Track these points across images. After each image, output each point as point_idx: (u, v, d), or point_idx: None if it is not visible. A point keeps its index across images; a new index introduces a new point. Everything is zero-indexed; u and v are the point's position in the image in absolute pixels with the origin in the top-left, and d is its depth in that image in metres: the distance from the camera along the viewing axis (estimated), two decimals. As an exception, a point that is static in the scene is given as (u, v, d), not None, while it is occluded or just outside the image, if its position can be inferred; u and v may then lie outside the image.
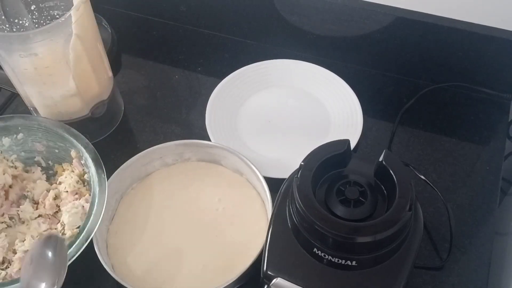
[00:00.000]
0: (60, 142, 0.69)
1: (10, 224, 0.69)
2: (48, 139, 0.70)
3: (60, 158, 0.72)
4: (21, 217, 0.69)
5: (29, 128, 0.70)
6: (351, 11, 0.82)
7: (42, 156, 0.73)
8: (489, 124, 0.81)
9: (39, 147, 0.71)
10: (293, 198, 0.53)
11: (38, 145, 0.71)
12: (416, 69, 0.86)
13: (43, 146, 0.71)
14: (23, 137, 0.71)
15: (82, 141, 0.67)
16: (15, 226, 0.69)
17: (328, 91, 0.84)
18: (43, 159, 0.73)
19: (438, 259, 0.68)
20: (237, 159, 0.71)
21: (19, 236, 0.67)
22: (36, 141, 0.71)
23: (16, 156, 0.72)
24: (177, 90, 0.88)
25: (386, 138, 0.80)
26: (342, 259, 0.51)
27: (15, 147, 0.71)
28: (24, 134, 0.71)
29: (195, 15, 0.95)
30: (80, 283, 0.68)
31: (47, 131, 0.69)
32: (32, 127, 0.69)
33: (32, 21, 0.74)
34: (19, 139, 0.71)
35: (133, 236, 0.69)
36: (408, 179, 0.52)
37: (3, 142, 0.71)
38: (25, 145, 0.71)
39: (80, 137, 0.68)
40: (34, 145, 0.71)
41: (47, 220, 0.68)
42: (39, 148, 0.72)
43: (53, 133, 0.69)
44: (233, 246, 0.67)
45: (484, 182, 0.74)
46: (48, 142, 0.70)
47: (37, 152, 0.72)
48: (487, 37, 0.76)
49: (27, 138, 0.71)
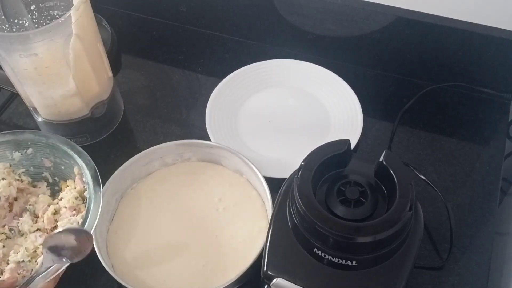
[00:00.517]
0: (66, 159, 0.70)
1: (9, 236, 0.69)
2: (55, 155, 0.71)
3: (65, 174, 0.72)
4: (20, 229, 0.69)
5: (38, 143, 0.71)
6: (351, 11, 0.82)
7: (49, 172, 0.73)
8: (489, 124, 0.81)
9: (47, 163, 0.72)
10: (293, 198, 0.53)
11: (46, 161, 0.72)
12: (416, 69, 0.86)
13: (51, 162, 0.72)
14: (33, 152, 0.72)
15: (84, 158, 0.68)
16: (14, 238, 0.69)
17: (328, 91, 0.84)
18: (50, 175, 0.73)
19: (438, 259, 0.68)
20: (237, 159, 0.71)
21: (15, 247, 0.67)
22: (44, 157, 0.72)
23: (24, 170, 0.73)
24: (177, 90, 0.88)
25: (386, 138, 0.80)
26: (342, 259, 0.51)
27: (25, 162, 0.73)
28: (33, 149, 0.72)
29: (195, 15, 0.95)
30: (80, 282, 0.68)
31: (54, 147, 0.70)
32: (40, 142, 0.71)
33: (32, 21, 0.74)
34: (28, 154, 0.72)
35: (133, 236, 0.69)
36: (408, 179, 0.52)
37: (13, 156, 0.72)
38: (35, 160, 0.73)
39: (83, 155, 0.68)
40: (43, 160, 0.72)
41: (44, 234, 0.68)
42: (47, 163, 0.72)
43: (59, 149, 0.70)
44: (233, 246, 0.67)
45: (484, 182, 0.74)
46: (55, 159, 0.72)
47: (45, 168, 0.73)
48: (487, 37, 0.76)
49: (36, 153, 0.72)
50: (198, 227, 0.70)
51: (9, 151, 0.72)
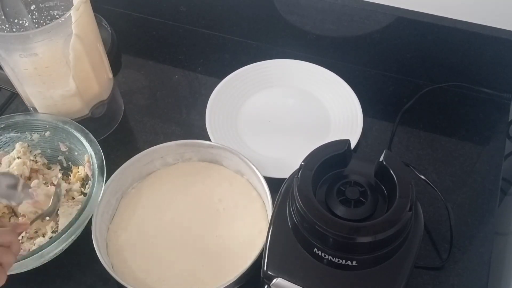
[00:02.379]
0: (79, 145, 0.72)
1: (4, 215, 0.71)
2: (70, 140, 0.74)
3: (78, 160, 0.75)
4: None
5: (55, 127, 0.74)
6: (351, 11, 0.82)
7: (64, 156, 0.76)
8: (489, 124, 0.81)
9: (63, 147, 0.75)
10: (293, 198, 0.53)
11: (62, 145, 0.75)
12: (416, 69, 0.86)
13: (66, 146, 0.75)
14: (50, 135, 0.75)
15: (95, 147, 0.70)
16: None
17: (328, 91, 0.84)
18: (65, 159, 0.76)
19: (438, 259, 0.68)
20: (238, 159, 0.71)
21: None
22: (61, 141, 0.75)
23: (41, 151, 0.76)
24: (177, 90, 0.88)
25: (386, 138, 0.80)
26: (342, 259, 0.51)
27: (43, 143, 0.76)
28: (51, 132, 0.75)
29: (195, 15, 0.95)
30: (79, 282, 0.68)
31: (69, 132, 0.73)
32: (58, 126, 0.73)
33: (32, 21, 0.74)
34: (46, 137, 0.75)
35: (133, 236, 0.69)
36: (408, 179, 0.52)
37: (32, 137, 0.75)
38: (52, 143, 0.76)
39: (95, 144, 0.71)
40: (59, 144, 0.75)
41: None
42: (63, 148, 0.75)
43: (73, 135, 0.72)
44: (233, 246, 0.67)
45: (484, 182, 0.74)
46: (70, 144, 0.74)
47: (60, 151, 0.76)
48: (487, 37, 0.76)
49: (53, 136, 0.75)
50: (199, 227, 0.70)
51: (28, 132, 0.75)
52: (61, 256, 0.67)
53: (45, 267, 0.66)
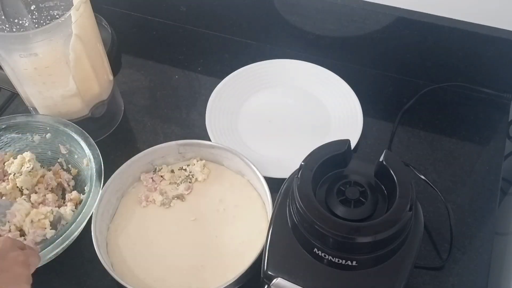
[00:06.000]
0: (79, 148, 0.72)
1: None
2: (70, 143, 0.74)
3: (77, 164, 0.74)
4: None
5: (56, 129, 0.74)
6: (351, 11, 0.82)
7: (64, 159, 0.76)
8: (489, 124, 0.81)
9: (63, 150, 0.75)
10: (293, 198, 0.53)
11: (62, 148, 0.75)
12: (416, 69, 0.86)
13: (66, 149, 0.75)
14: (51, 137, 0.75)
15: (94, 151, 0.70)
16: None
17: (328, 91, 0.84)
18: (65, 161, 0.76)
19: (438, 259, 0.68)
20: (239, 160, 0.71)
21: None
22: (61, 144, 0.75)
23: (41, 152, 0.76)
24: (177, 90, 0.88)
25: (386, 138, 0.80)
26: (342, 259, 0.51)
27: (43, 145, 0.76)
28: (51, 134, 0.74)
29: (195, 15, 0.95)
30: (79, 281, 0.68)
31: (69, 135, 0.73)
32: (59, 129, 0.73)
33: (32, 21, 0.74)
34: (47, 139, 0.75)
35: (133, 235, 0.69)
36: (408, 179, 0.52)
37: (33, 139, 0.75)
38: (52, 145, 0.76)
39: (94, 147, 0.71)
40: (59, 147, 0.75)
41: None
42: (63, 150, 0.75)
43: (73, 138, 0.72)
44: (233, 246, 0.67)
45: (484, 182, 0.74)
46: (70, 147, 0.74)
47: (61, 154, 0.76)
48: (487, 37, 0.76)
49: (54, 139, 0.75)
50: (199, 227, 0.70)
51: (29, 133, 0.75)
52: (61, 256, 0.67)
53: (45, 267, 0.66)
